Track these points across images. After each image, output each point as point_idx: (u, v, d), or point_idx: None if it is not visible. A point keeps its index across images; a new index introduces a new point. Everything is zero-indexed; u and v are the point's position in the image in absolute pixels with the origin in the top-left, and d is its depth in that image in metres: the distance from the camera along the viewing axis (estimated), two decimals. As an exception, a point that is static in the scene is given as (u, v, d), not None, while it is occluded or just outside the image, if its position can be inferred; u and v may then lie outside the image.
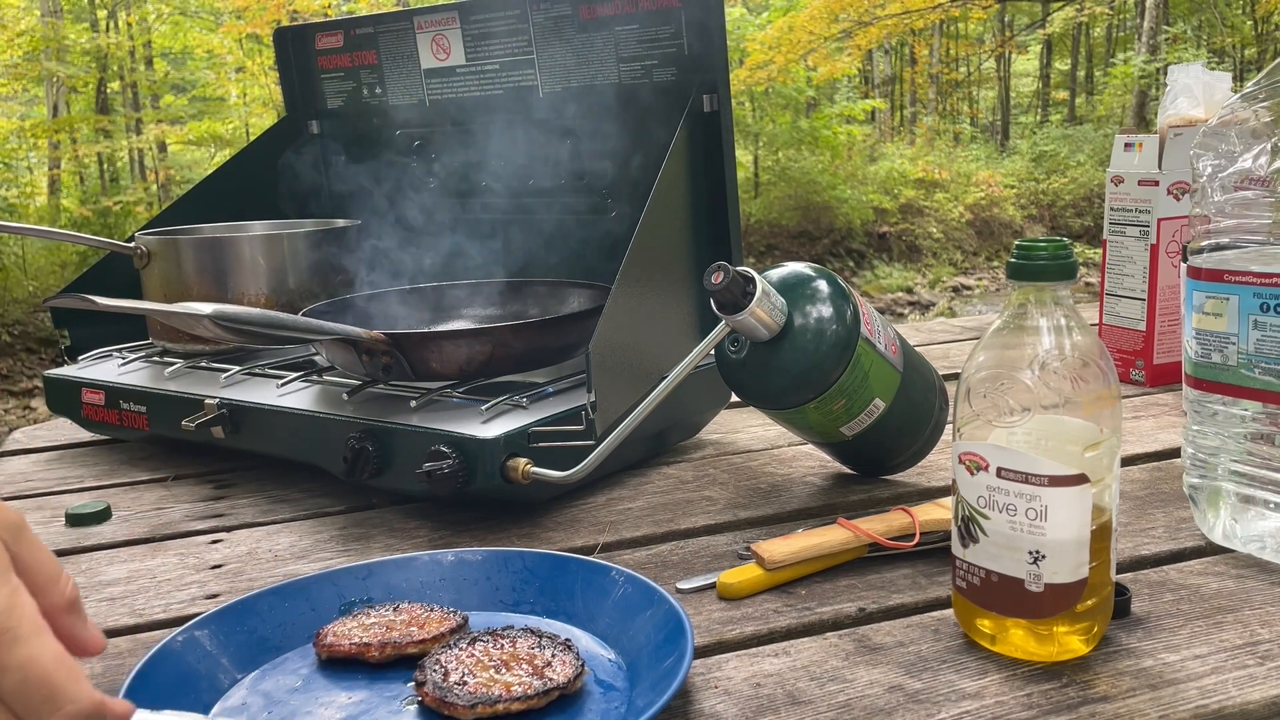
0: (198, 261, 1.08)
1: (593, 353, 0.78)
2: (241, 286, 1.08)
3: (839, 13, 11.13)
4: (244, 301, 1.07)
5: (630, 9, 1.02)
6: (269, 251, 1.09)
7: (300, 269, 1.11)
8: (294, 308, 1.07)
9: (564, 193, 1.15)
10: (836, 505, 0.86)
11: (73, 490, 0.98)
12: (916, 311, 9.68)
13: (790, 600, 0.68)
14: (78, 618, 0.44)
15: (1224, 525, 0.74)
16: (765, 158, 11.98)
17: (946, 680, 0.58)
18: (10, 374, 7.18)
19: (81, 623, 0.44)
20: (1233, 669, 0.58)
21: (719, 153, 0.95)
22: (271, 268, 1.09)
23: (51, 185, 10.51)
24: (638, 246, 0.85)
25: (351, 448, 0.84)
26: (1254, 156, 0.68)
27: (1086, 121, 14.31)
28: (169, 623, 0.69)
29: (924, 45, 15.59)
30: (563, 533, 0.82)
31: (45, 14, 10.63)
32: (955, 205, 11.72)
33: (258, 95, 12.16)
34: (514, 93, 1.14)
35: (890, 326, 0.87)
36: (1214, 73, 1.15)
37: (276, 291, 1.09)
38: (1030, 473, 0.56)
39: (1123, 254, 1.18)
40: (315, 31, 1.29)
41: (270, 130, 1.34)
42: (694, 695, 0.57)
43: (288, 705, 0.57)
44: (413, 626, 0.62)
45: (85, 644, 0.44)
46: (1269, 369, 0.68)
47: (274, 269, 1.09)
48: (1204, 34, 13.67)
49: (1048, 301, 0.58)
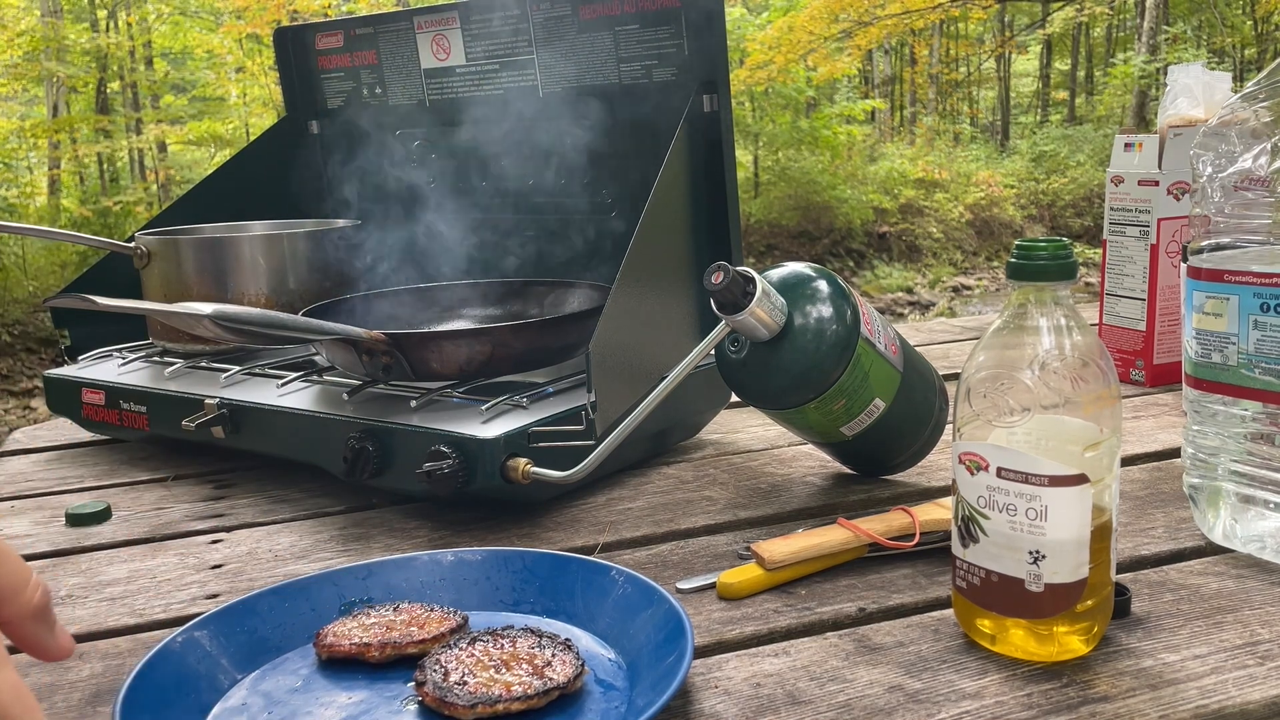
0: (198, 261, 1.08)
1: (593, 353, 0.78)
2: (242, 286, 1.08)
3: (839, 13, 11.13)
4: (244, 302, 1.07)
5: (630, 9, 1.02)
6: (269, 251, 1.09)
7: (301, 269, 1.10)
8: (294, 308, 1.07)
9: (564, 193, 1.15)
10: (836, 505, 0.86)
11: (73, 490, 0.98)
12: (916, 311, 9.68)
13: (790, 600, 0.68)
14: (43, 625, 0.44)
15: (1224, 525, 0.74)
16: (765, 158, 11.98)
17: (946, 680, 0.58)
18: (10, 374, 7.19)
19: (47, 630, 0.44)
20: (1233, 669, 0.58)
21: (719, 153, 0.95)
22: (272, 268, 1.09)
23: (51, 185, 10.51)
24: (638, 246, 0.85)
25: (351, 448, 0.84)
26: (1254, 156, 0.68)
27: (1086, 121, 14.31)
28: (169, 623, 0.69)
29: (924, 45, 15.59)
30: (563, 533, 0.82)
31: (45, 14, 10.63)
32: (955, 205, 11.72)
33: (258, 95, 12.16)
34: (514, 93, 1.14)
35: (890, 326, 0.87)
36: (1214, 73, 1.15)
37: (277, 291, 1.09)
38: (1030, 473, 0.56)
39: (1123, 254, 1.18)
40: (315, 32, 1.29)
41: (270, 130, 1.34)
42: (694, 695, 0.57)
43: (288, 705, 0.57)
44: (413, 626, 0.62)
45: (50, 652, 0.45)
46: (1269, 369, 0.68)
47: (274, 269, 1.09)
48: (1204, 34, 13.67)
49: (1048, 301, 0.58)
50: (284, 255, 1.10)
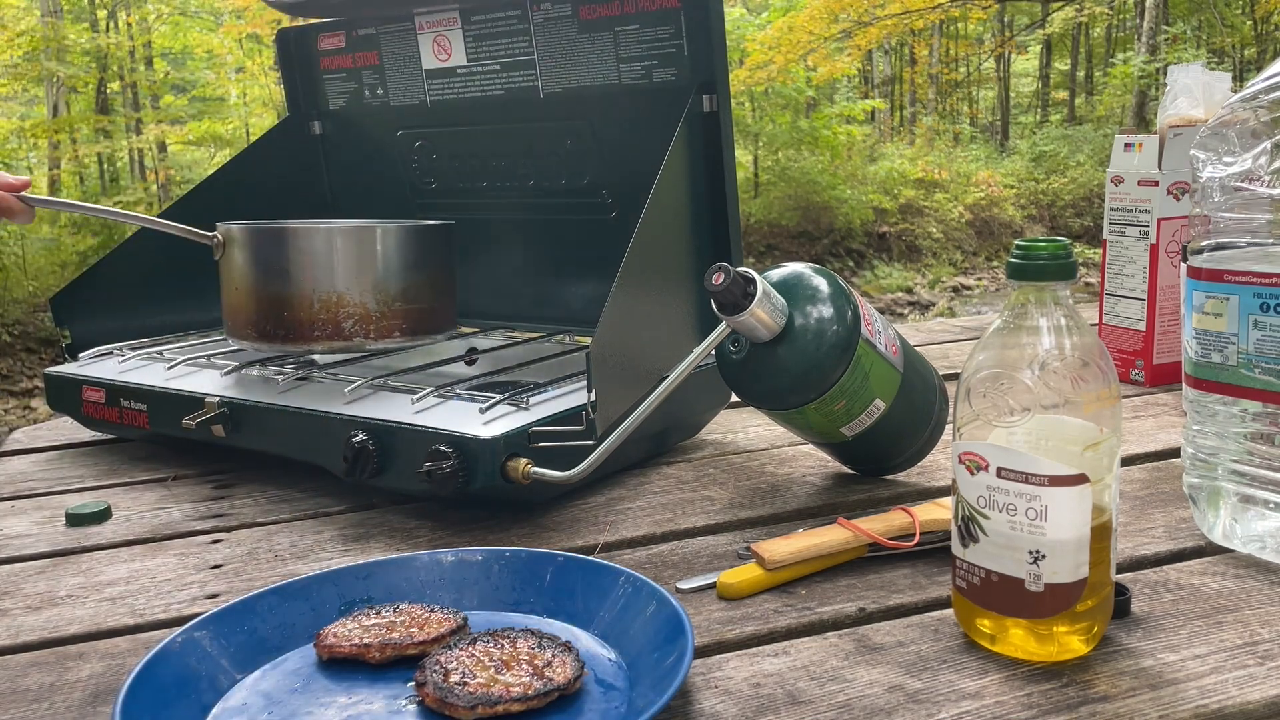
0: (286, 251, 1.00)
1: (593, 353, 0.78)
2: (329, 279, 1.00)
3: (839, 13, 11.13)
4: (332, 298, 1.00)
5: (630, 9, 1.02)
6: (361, 244, 1.02)
7: (391, 266, 1.02)
8: (388, 305, 1.02)
9: (564, 193, 1.15)
10: (836, 505, 0.86)
11: (73, 490, 0.98)
12: (916, 311, 9.68)
13: (790, 600, 0.68)
14: None
15: (1224, 525, 0.74)
16: (765, 158, 11.98)
17: (946, 680, 0.58)
18: (10, 374, 7.19)
19: None
20: (1233, 669, 0.58)
21: (719, 153, 0.95)
22: (362, 262, 1.01)
23: (51, 185, 10.50)
24: (637, 247, 0.85)
25: (352, 447, 0.84)
26: (1254, 156, 0.68)
27: (1086, 121, 14.31)
28: (169, 623, 0.69)
29: (924, 45, 15.59)
30: (563, 533, 0.82)
31: (45, 14, 10.63)
32: (955, 205, 11.72)
33: (258, 95, 12.17)
34: (515, 93, 1.14)
35: (890, 326, 0.87)
36: (1214, 73, 1.15)
37: (368, 286, 1.01)
38: (1030, 473, 0.56)
39: (1123, 254, 1.18)
40: (317, 32, 1.29)
41: (272, 131, 1.34)
42: (694, 695, 0.57)
43: (288, 706, 0.57)
44: (413, 627, 0.62)
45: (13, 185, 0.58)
46: (1269, 369, 0.68)
47: (364, 263, 1.01)
48: (1204, 34, 13.67)
49: (1048, 301, 0.58)
50: (376, 250, 1.02)
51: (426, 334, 1.06)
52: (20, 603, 0.73)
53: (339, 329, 1.00)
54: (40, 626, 0.69)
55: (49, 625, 0.69)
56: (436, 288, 1.07)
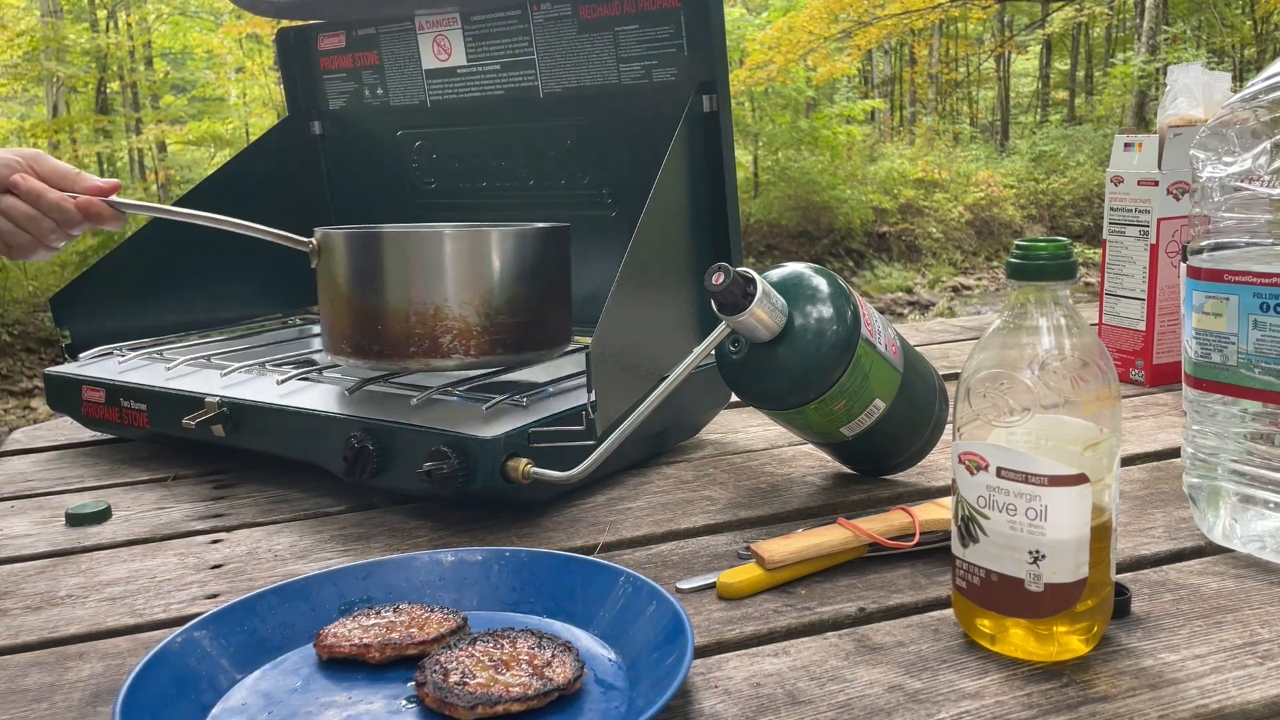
0: (392, 257, 0.91)
1: (593, 353, 0.78)
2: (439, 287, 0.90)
3: (839, 13, 11.13)
4: (440, 306, 0.90)
5: (630, 9, 1.02)
6: (474, 250, 0.92)
7: (507, 271, 0.92)
8: (499, 312, 0.91)
9: (564, 193, 1.15)
10: (836, 505, 0.86)
11: (73, 490, 0.98)
12: (916, 311, 9.68)
13: (790, 600, 0.68)
14: None
15: (1224, 525, 0.74)
16: (765, 158, 11.98)
17: (946, 680, 0.58)
18: (10, 374, 7.18)
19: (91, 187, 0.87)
20: (1233, 669, 0.58)
21: (719, 153, 0.95)
22: (474, 268, 0.91)
23: (51, 185, 10.49)
24: (638, 246, 0.85)
25: (352, 447, 0.84)
26: (1254, 156, 0.68)
27: (1086, 121, 14.32)
28: (169, 623, 0.69)
29: (924, 45, 15.60)
30: (563, 533, 0.82)
31: (45, 14, 10.62)
32: (955, 205, 11.72)
33: (258, 95, 12.17)
34: (515, 93, 1.14)
35: (890, 327, 0.87)
36: (1214, 73, 1.15)
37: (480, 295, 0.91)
38: (1030, 472, 0.56)
39: (1122, 254, 1.18)
40: (317, 33, 1.29)
41: (272, 131, 1.34)
42: (694, 695, 0.57)
43: (288, 706, 0.57)
44: (413, 627, 0.62)
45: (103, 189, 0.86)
46: (1269, 369, 0.68)
47: (475, 269, 0.91)
48: (1204, 34, 13.67)
49: (1048, 301, 0.58)
50: (488, 255, 0.92)
51: (539, 349, 0.95)
52: (20, 603, 0.73)
53: (436, 344, 0.90)
54: (40, 626, 0.69)
55: (49, 625, 0.69)
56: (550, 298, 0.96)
